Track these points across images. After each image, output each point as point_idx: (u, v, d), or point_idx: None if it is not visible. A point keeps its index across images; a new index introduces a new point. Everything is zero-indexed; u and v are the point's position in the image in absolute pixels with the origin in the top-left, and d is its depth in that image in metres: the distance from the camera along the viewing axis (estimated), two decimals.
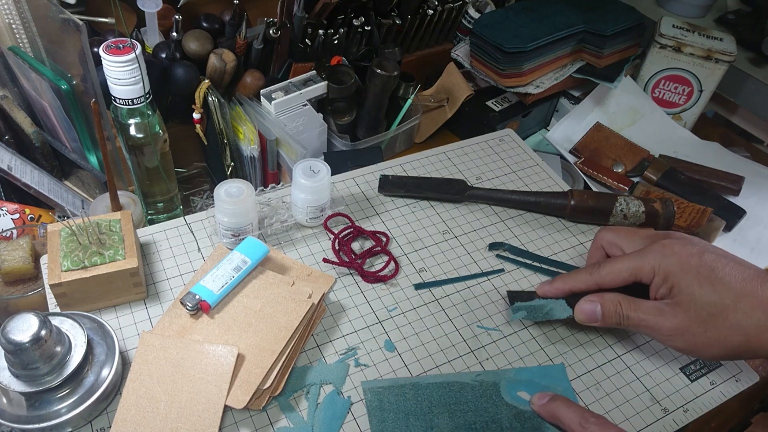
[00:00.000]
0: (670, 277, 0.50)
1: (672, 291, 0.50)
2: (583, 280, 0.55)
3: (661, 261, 0.51)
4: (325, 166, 0.62)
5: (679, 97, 0.99)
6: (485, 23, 0.90)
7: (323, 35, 0.82)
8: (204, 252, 0.62)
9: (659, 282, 0.51)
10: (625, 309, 0.52)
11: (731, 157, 0.96)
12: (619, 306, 0.52)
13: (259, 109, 0.80)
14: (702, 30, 0.96)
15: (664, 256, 0.51)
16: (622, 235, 0.57)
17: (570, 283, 0.56)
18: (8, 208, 0.69)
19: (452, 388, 0.53)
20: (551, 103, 1.00)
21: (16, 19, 0.69)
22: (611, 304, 0.53)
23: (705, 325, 0.49)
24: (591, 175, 0.86)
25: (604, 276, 0.54)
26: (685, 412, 0.54)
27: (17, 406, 0.46)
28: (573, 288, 0.56)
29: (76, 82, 0.69)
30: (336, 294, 0.60)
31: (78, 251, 0.53)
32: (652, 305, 0.51)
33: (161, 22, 0.78)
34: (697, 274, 0.49)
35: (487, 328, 0.59)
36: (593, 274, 0.54)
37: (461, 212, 0.70)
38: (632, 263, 0.53)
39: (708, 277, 0.49)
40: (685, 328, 0.50)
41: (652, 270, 0.51)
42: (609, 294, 0.54)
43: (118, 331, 0.54)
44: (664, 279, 0.51)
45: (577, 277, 0.56)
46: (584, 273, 0.55)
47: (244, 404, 0.48)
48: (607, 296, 0.53)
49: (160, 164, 0.68)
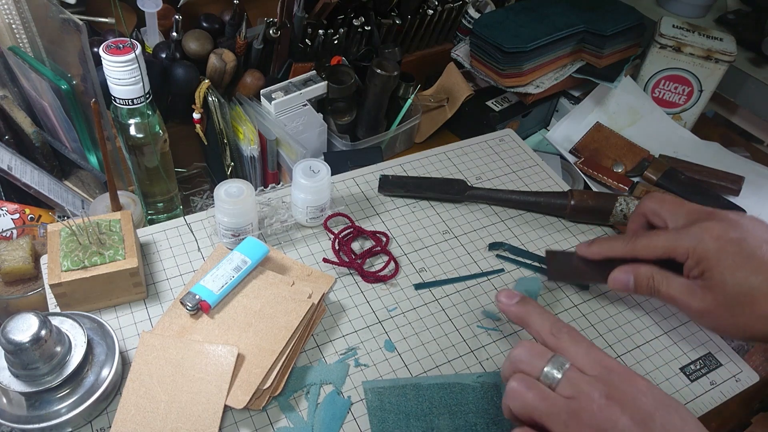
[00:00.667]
0: (703, 261, 0.50)
1: (704, 274, 0.50)
2: (618, 249, 0.56)
3: (697, 244, 0.50)
4: (325, 166, 0.62)
5: (679, 97, 0.99)
6: (485, 23, 0.90)
7: (323, 35, 0.82)
8: (204, 252, 0.62)
9: (692, 264, 0.51)
10: (657, 283, 0.53)
11: (731, 157, 0.96)
12: (651, 280, 0.53)
13: (259, 109, 0.80)
14: (702, 30, 0.96)
15: (700, 240, 0.50)
16: (666, 207, 0.56)
17: (606, 248, 0.57)
18: (8, 208, 0.69)
19: (453, 389, 0.53)
20: (551, 103, 1.00)
21: (16, 19, 0.69)
22: (644, 277, 0.53)
23: (732, 310, 0.49)
24: (591, 175, 0.86)
25: (639, 249, 0.54)
26: None
27: (17, 406, 0.46)
28: (609, 254, 0.56)
29: (76, 82, 0.69)
30: (336, 294, 0.60)
31: (78, 251, 0.53)
32: (684, 283, 0.52)
33: (161, 22, 0.78)
34: (732, 261, 0.49)
35: (487, 328, 0.59)
36: (629, 245, 0.55)
37: (461, 212, 0.70)
38: (668, 242, 0.52)
39: (742, 265, 0.49)
40: (712, 310, 0.50)
41: (686, 252, 0.51)
42: (643, 266, 0.54)
43: (118, 331, 0.54)
44: (697, 262, 0.51)
45: (615, 244, 0.56)
46: (621, 242, 0.56)
47: (244, 404, 0.48)
48: (642, 268, 0.54)
49: (160, 164, 0.68)
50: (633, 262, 0.55)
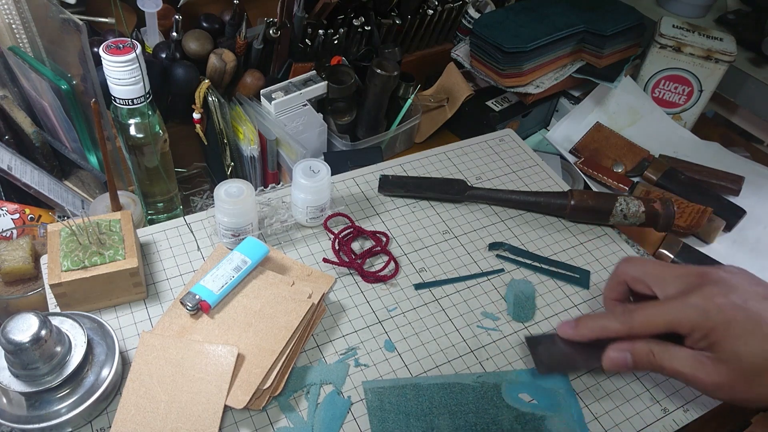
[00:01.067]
0: (712, 334, 0.46)
1: (714, 347, 0.47)
2: (612, 329, 0.51)
3: (702, 317, 0.47)
4: (325, 166, 0.62)
5: (679, 97, 0.99)
6: (485, 23, 0.90)
7: (323, 35, 0.82)
8: (204, 252, 0.62)
9: (698, 337, 0.47)
10: (659, 358, 0.49)
11: (731, 157, 0.96)
12: (651, 355, 0.49)
13: (259, 109, 0.80)
14: (702, 30, 0.96)
15: (704, 311, 0.47)
16: (649, 272, 0.52)
17: (597, 330, 0.52)
18: (8, 208, 0.69)
19: (453, 389, 0.53)
20: (551, 103, 1.00)
21: (16, 19, 0.69)
22: (643, 353, 0.49)
23: (751, 382, 0.46)
24: (591, 175, 0.86)
25: (637, 326, 0.50)
26: (685, 412, 0.54)
27: (17, 406, 0.46)
28: (600, 336, 0.51)
29: (76, 82, 0.69)
30: (336, 294, 0.60)
31: (78, 251, 0.53)
32: (690, 356, 0.48)
33: (161, 22, 0.78)
34: (742, 330, 0.46)
35: (487, 328, 0.59)
36: (624, 323, 0.50)
37: (461, 212, 0.70)
38: (669, 315, 0.48)
39: (753, 333, 0.46)
40: (728, 383, 0.47)
41: (690, 326, 0.47)
42: (639, 342, 0.50)
43: (118, 331, 0.54)
44: (704, 335, 0.47)
45: (605, 323, 0.51)
46: (613, 320, 0.51)
47: (244, 404, 0.48)
48: (638, 344, 0.50)
49: (160, 164, 0.68)
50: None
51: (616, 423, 0.53)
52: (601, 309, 0.62)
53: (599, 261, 0.67)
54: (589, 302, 0.62)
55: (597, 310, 0.61)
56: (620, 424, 0.53)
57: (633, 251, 0.68)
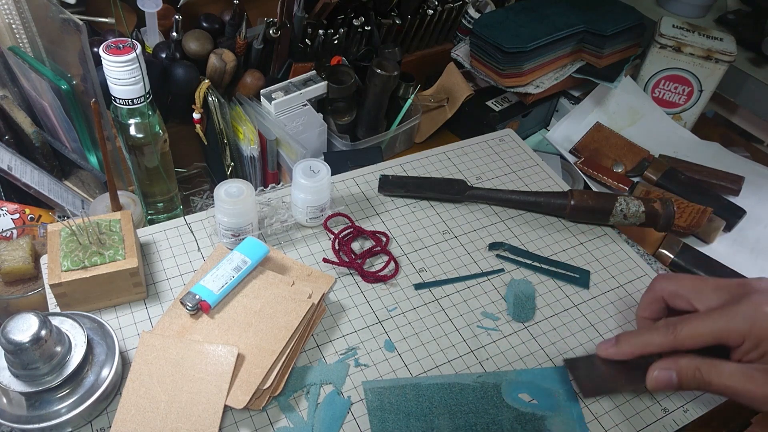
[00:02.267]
0: (764, 343, 0.45)
1: (765, 357, 0.45)
2: (655, 343, 0.49)
3: (752, 326, 0.45)
4: (325, 166, 0.62)
5: (679, 97, 0.99)
6: (485, 23, 0.90)
7: (323, 35, 0.82)
8: (204, 252, 0.62)
9: (749, 347, 0.46)
10: (706, 375, 0.47)
11: (731, 157, 0.96)
12: (698, 372, 0.47)
13: (259, 109, 0.80)
14: (702, 30, 0.96)
15: (755, 320, 0.45)
16: (687, 286, 0.51)
17: (640, 346, 0.50)
18: (8, 208, 0.69)
19: (453, 389, 0.53)
20: (551, 103, 1.00)
21: (16, 19, 0.69)
22: (689, 370, 0.48)
23: None
24: (591, 175, 0.86)
25: (684, 339, 0.48)
26: (685, 412, 0.54)
27: (17, 406, 0.46)
28: (644, 352, 0.50)
29: (76, 82, 0.69)
30: (336, 294, 0.60)
31: (78, 251, 0.53)
32: (739, 370, 0.46)
33: (161, 22, 0.78)
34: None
35: (487, 328, 0.59)
36: (669, 336, 0.48)
37: (461, 212, 0.70)
38: (717, 325, 0.47)
39: None
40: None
41: (740, 335, 0.46)
42: (684, 359, 0.48)
43: (118, 331, 0.54)
44: (756, 344, 0.46)
45: (648, 338, 0.50)
46: (656, 334, 0.49)
47: (244, 404, 0.48)
48: (683, 362, 0.48)
49: (160, 164, 0.68)
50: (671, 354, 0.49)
51: (616, 423, 0.53)
52: (601, 309, 0.62)
53: (599, 261, 0.67)
54: (589, 302, 0.62)
55: (597, 310, 0.61)
56: (620, 424, 0.53)
57: (633, 251, 0.68)
